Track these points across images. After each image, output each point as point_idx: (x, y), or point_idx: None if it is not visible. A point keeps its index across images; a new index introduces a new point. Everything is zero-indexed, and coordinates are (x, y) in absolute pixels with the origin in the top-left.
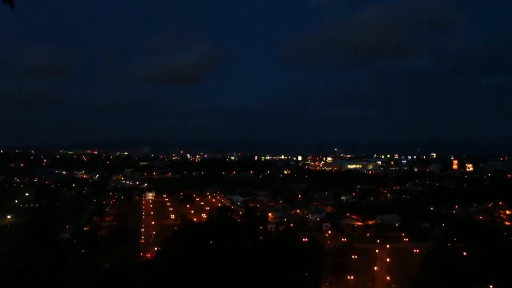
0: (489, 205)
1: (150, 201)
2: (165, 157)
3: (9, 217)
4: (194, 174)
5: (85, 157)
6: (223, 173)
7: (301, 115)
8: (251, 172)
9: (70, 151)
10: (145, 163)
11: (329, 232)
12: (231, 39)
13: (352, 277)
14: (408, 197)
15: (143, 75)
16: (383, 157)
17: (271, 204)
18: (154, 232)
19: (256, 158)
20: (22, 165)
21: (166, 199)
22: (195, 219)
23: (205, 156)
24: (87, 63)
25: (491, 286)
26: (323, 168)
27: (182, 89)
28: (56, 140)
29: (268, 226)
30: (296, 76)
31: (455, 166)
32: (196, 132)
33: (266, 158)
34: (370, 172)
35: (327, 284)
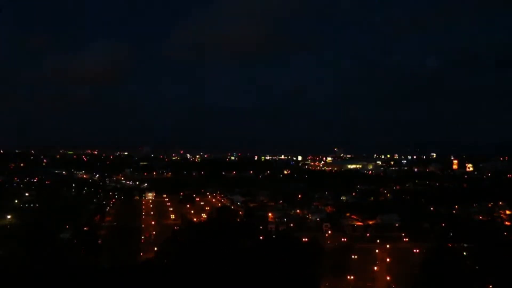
0: (489, 205)
1: (150, 201)
2: (165, 157)
3: (9, 217)
4: (194, 174)
5: (85, 157)
6: (223, 173)
7: (301, 114)
8: (251, 172)
9: (70, 151)
10: (145, 163)
11: (329, 232)
12: None
13: (352, 277)
14: (408, 197)
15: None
16: (383, 157)
17: (271, 204)
18: (154, 232)
19: (256, 158)
20: (22, 165)
21: (166, 199)
22: (195, 219)
23: (205, 156)
24: None
25: (490, 286)
26: (323, 168)
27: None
28: (56, 140)
29: (268, 226)
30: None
31: (455, 166)
32: (196, 132)
33: (266, 158)
34: (370, 172)
35: (327, 284)
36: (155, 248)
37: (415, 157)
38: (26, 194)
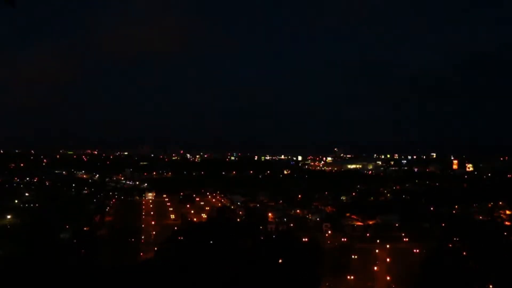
0: (489, 205)
1: (150, 201)
2: (165, 157)
3: (9, 217)
4: (194, 174)
5: (85, 157)
6: (223, 173)
7: (301, 114)
8: (251, 172)
9: (70, 151)
10: (145, 163)
11: (329, 232)
12: None
13: (352, 277)
14: (408, 197)
15: None
16: (383, 157)
17: (271, 204)
18: (154, 232)
19: (256, 158)
20: (22, 165)
21: (166, 199)
22: (195, 219)
23: (205, 156)
24: None
25: (491, 286)
26: (323, 168)
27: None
28: (56, 140)
29: (268, 226)
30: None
31: (455, 166)
32: (196, 132)
33: (266, 158)
34: (370, 172)
35: (327, 284)
36: (155, 248)
37: (415, 157)
38: (26, 194)
